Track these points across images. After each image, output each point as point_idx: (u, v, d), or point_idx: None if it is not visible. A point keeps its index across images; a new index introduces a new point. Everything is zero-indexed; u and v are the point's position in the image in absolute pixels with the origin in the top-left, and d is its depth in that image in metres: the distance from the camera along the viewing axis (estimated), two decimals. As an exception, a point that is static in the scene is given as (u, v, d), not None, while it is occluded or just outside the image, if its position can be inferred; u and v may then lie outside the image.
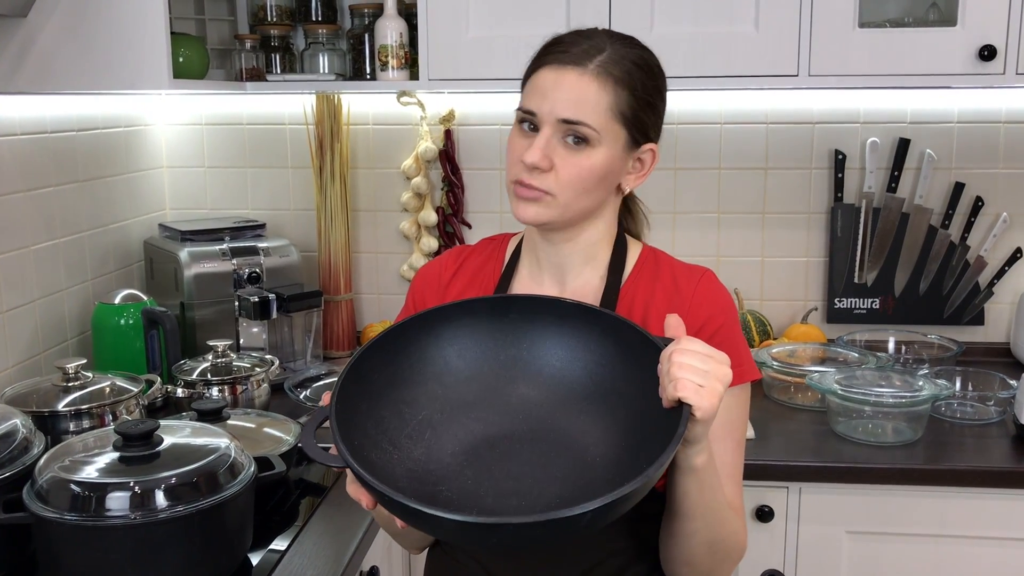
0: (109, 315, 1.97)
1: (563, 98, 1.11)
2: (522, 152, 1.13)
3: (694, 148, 2.31)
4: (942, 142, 2.25)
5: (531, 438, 1.05)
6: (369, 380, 1.04)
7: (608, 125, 1.13)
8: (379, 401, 1.05)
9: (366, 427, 1.02)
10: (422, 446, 1.05)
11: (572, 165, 1.13)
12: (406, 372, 1.08)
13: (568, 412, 1.06)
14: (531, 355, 1.09)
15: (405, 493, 0.94)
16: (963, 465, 1.70)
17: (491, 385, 1.09)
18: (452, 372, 1.09)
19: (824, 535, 1.76)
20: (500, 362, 1.09)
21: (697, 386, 0.94)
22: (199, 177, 2.44)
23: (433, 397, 1.08)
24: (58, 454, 1.26)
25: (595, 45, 1.14)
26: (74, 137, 2.02)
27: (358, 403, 1.02)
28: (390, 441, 1.03)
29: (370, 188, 2.40)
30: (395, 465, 1.01)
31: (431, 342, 1.09)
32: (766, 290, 2.36)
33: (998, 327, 2.31)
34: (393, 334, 1.07)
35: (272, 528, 1.44)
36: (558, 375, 1.08)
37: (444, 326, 1.09)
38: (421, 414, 1.07)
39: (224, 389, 1.83)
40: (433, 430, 1.06)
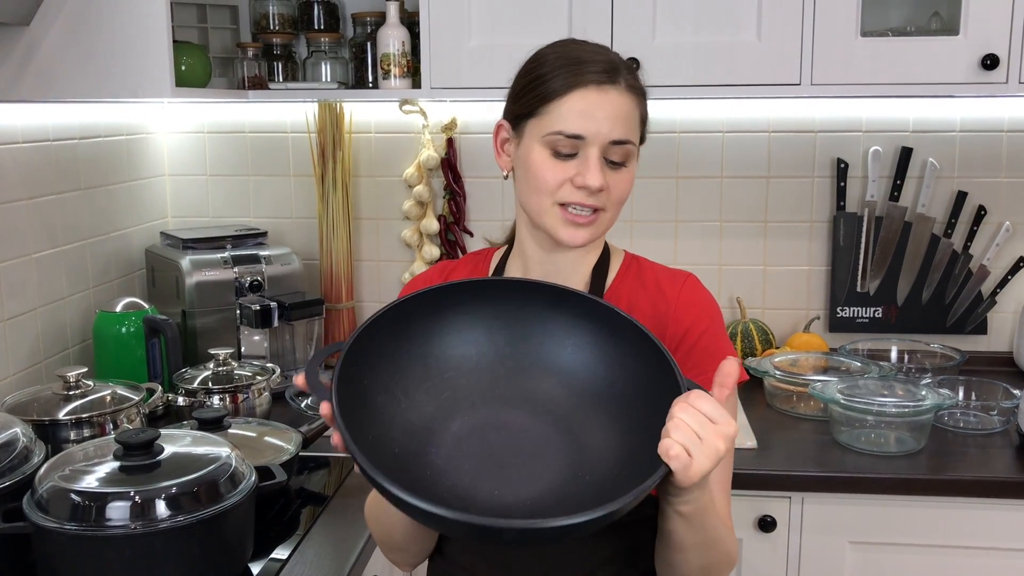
0: (110, 323, 1.97)
1: (610, 119, 1.13)
2: (567, 175, 1.14)
3: (696, 157, 2.31)
4: (944, 151, 2.25)
5: (537, 430, 1.04)
6: (407, 323, 1.03)
7: (637, 136, 1.17)
8: (409, 347, 1.03)
9: (383, 369, 1.01)
10: (435, 404, 1.04)
11: (622, 182, 1.16)
12: (444, 329, 1.06)
13: (580, 414, 1.05)
14: (559, 349, 1.08)
15: (395, 445, 0.96)
16: (966, 475, 1.69)
17: (514, 370, 1.07)
18: (486, 345, 1.08)
19: (827, 545, 1.75)
20: (529, 349, 1.08)
21: (686, 455, 0.91)
22: (201, 185, 2.44)
23: (466, 360, 1.06)
24: (58, 463, 1.26)
25: (612, 59, 1.16)
26: (76, 145, 2.02)
27: (385, 343, 1.01)
28: (404, 390, 1.02)
29: (372, 196, 2.40)
30: (397, 414, 1.00)
31: (477, 309, 1.07)
32: (768, 299, 2.36)
33: (1001, 336, 2.30)
34: (447, 289, 1.05)
35: (273, 537, 1.43)
36: (579, 373, 1.06)
37: (495, 298, 1.07)
38: (448, 374, 1.06)
39: (225, 398, 1.83)
40: (452, 392, 1.05)
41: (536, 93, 1.15)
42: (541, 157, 1.15)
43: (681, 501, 0.99)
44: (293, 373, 2.18)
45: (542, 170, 1.15)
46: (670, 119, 2.30)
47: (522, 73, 1.19)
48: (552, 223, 1.16)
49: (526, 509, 0.96)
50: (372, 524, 1.23)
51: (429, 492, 0.93)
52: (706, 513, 1.03)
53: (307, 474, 1.70)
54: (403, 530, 1.16)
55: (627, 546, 1.16)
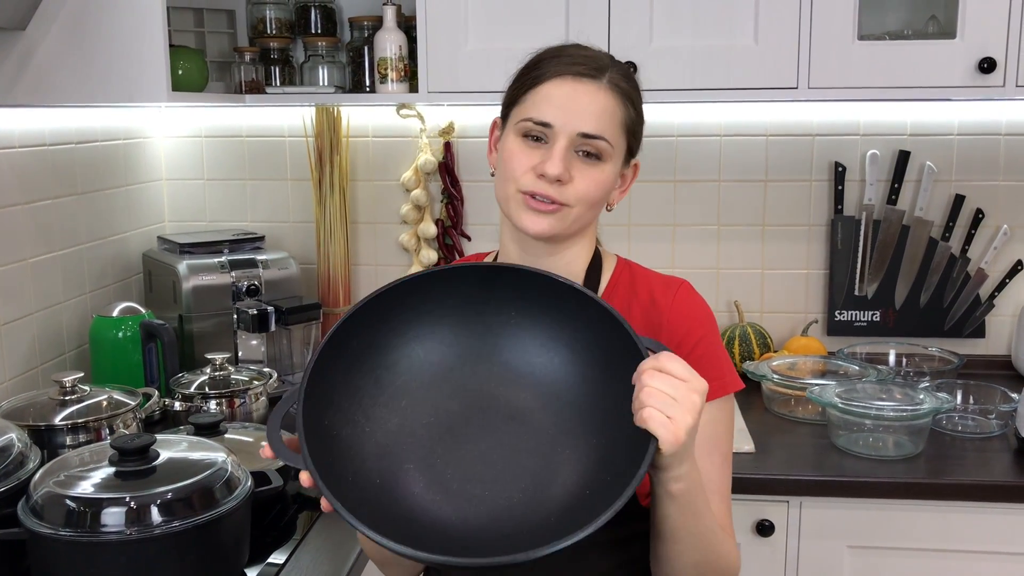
0: (107, 328, 1.97)
1: (583, 111, 1.11)
2: (532, 163, 1.12)
3: (694, 161, 2.31)
4: (942, 154, 2.25)
5: (507, 419, 1.03)
6: (347, 347, 1.01)
7: (619, 140, 1.14)
8: (357, 369, 1.02)
9: (340, 401, 0.99)
10: (397, 415, 1.02)
11: (588, 178, 1.13)
12: (387, 336, 1.04)
13: (550, 403, 1.03)
14: (517, 334, 1.05)
15: (374, 475, 0.96)
16: (965, 479, 1.69)
17: (472, 361, 1.05)
18: (435, 339, 1.05)
19: (825, 550, 1.75)
20: (485, 336, 1.06)
21: (665, 417, 0.90)
22: (198, 189, 2.44)
23: (414, 361, 1.05)
24: (53, 469, 1.25)
25: (599, 58, 1.15)
26: (73, 150, 2.02)
27: (334, 375, 0.99)
28: (364, 413, 1.01)
29: (369, 200, 2.40)
30: (365, 439, 1.00)
31: (415, 307, 1.04)
32: (766, 302, 2.35)
33: (999, 340, 2.30)
34: (375, 301, 1.02)
35: (270, 543, 1.43)
36: (544, 364, 1.04)
37: (432, 291, 1.04)
38: (400, 379, 1.04)
39: (222, 402, 1.83)
40: (410, 398, 1.03)
41: (520, 82, 1.16)
42: (513, 144, 1.15)
43: (671, 478, 0.97)
44: (290, 380, 2.17)
45: (510, 156, 1.14)
46: (668, 123, 2.29)
47: (518, 69, 1.20)
48: (515, 210, 1.15)
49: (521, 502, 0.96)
50: (363, 543, 1.22)
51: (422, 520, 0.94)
52: (697, 494, 1.01)
53: (304, 479, 1.69)
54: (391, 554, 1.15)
55: (621, 562, 1.15)
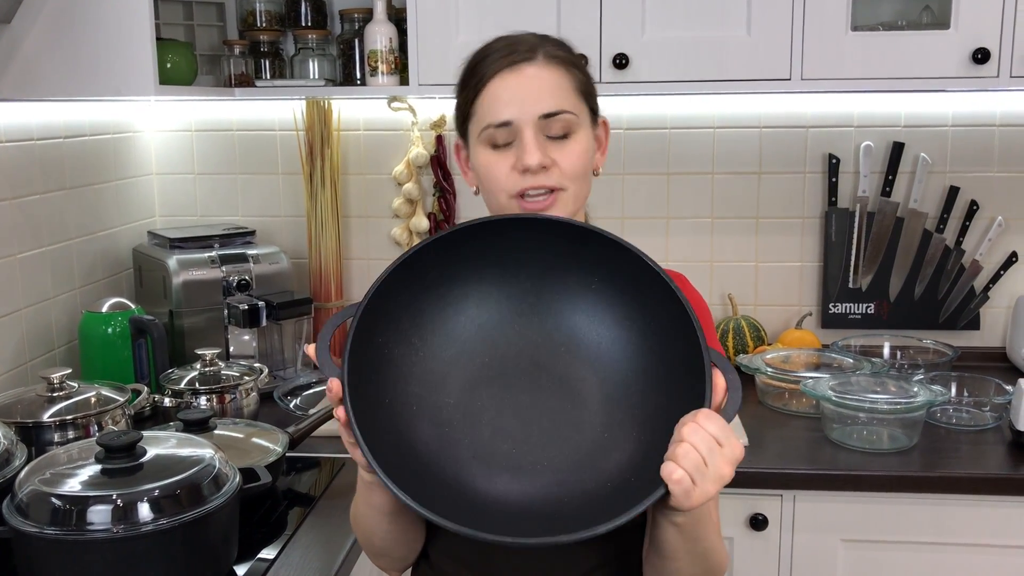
0: (96, 324, 1.95)
1: (534, 95, 1.10)
2: (510, 163, 1.11)
3: (687, 153, 2.29)
4: (936, 146, 2.24)
5: (559, 384, 1.01)
6: (422, 272, 0.99)
7: (579, 106, 1.14)
8: (427, 294, 1.00)
9: (400, 319, 0.99)
10: (454, 348, 1.01)
11: (569, 154, 1.12)
12: (464, 272, 1.02)
13: (605, 382, 1.01)
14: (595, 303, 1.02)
15: (413, 398, 0.97)
16: (959, 472, 1.68)
17: (543, 316, 1.03)
18: (512, 287, 1.03)
19: (819, 544, 1.74)
20: (562, 295, 1.03)
21: (690, 482, 0.88)
22: (188, 184, 2.42)
23: (486, 302, 1.03)
24: (39, 466, 1.24)
25: (527, 40, 1.14)
26: (61, 144, 2.00)
27: (401, 294, 0.98)
28: (421, 337, 1.00)
29: (361, 194, 2.39)
30: (415, 362, 0.99)
31: (500, 250, 1.01)
32: (760, 295, 2.34)
33: (994, 332, 2.29)
34: (460, 233, 0.99)
35: (259, 539, 1.42)
36: (610, 341, 1.01)
37: (520, 238, 1.01)
38: (466, 315, 1.02)
39: (212, 398, 1.81)
40: (471, 335, 1.02)
41: (464, 96, 1.15)
42: (485, 156, 1.13)
43: (677, 514, 0.96)
44: (281, 375, 2.16)
45: (487, 168, 1.13)
46: (660, 115, 2.28)
47: (456, 84, 1.19)
48: None
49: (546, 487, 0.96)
50: (355, 528, 1.21)
51: (451, 459, 0.96)
52: (700, 524, 1.00)
53: (295, 475, 1.68)
54: (383, 536, 1.14)
55: (615, 553, 1.15)
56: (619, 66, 1.91)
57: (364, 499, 1.11)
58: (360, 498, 1.14)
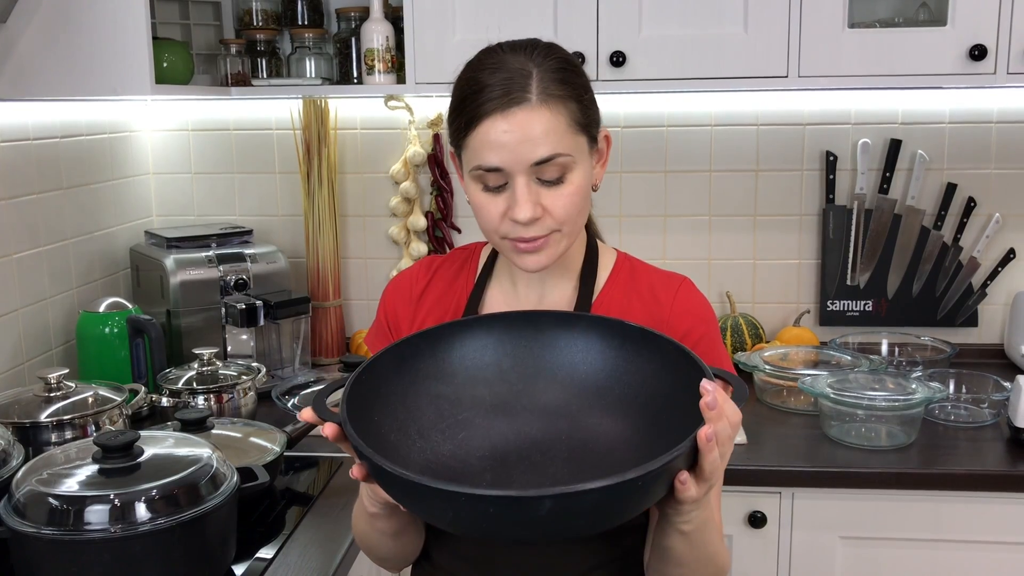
0: (93, 324, 1.95)
1: (526, 142, 1.03)
2: (501, 210, 1.07)
3: (684, 151, 2.29)
4: (934, 143, 2.24)
5: (565, 457, 1.02)
6: (412, 368, 1.02)
7: (575, 142, 1.07)
8: (418, 389, 1.03)
9: (396, 409, 1.00)
10: (452, 443, 1.02)
11: (562, 199, 1.07)
12: (451, 367, 1.05)
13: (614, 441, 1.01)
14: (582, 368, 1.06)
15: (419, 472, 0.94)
16: (957, 469, 1.68)
17: (532, 395, 1.06)
18: (499, 374, 1.06)
19: (817, 541, 1.74)
20: (548, 371, 1.06)
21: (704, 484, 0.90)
22: (186, 183, 2.42)
23: (479, 400, 1.06)
24: (36, 467, 1.24)
25: (520, 71, 1.05)
26: (58, 144, 2.00)
27: (393, 383, 1.00)
28: (419, 431, 1.01)
29: (358, 193, 2.38)
30: (414, 453, 0.99)
31: (475, 343, 1.06)
32: (758, 293, 2.34)
33: (992, 328, 2.29)
34: (441, 330, 1.05)
35: (257, 538, 1.42)
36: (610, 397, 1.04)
37: (502, 330, 1.07)
38: (462, 414, 1.05)
39: (210, 398, 1.81)
40: (468, 432, 1.04)
41: (454, 126, 1.09)
42: (475, 193, 1.09)
43: (682, 520, 0.96)
44: (279, 375, 2.16)
45: (479, 208, 1.09)
46: (658, 113, 2.28)
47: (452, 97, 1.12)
48: (508, 254, 1.12)
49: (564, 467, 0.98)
50: (358, 540, 1.21)
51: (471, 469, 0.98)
52: (706, 529, 1.00)
53: (293, 474, 1.68)
54: (387, 551, 1.15)
55: (616, 554, 1.14)
56: (616, 64, 1.91)
57: (368, 523, 1.12)
58: (363, 520, 1.14)
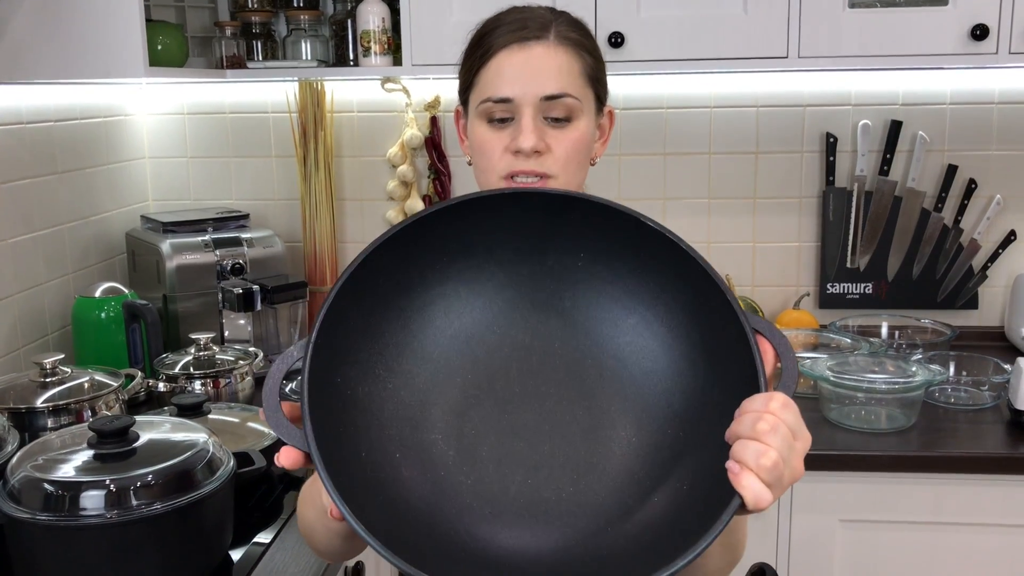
0: (89, 309, 1.94)
1: (540, 74, 1.07)
2: (504, 144, 1.08)
3: (683, 133, 2.28)
4: (935, 124, 2.22)
5: (562, 388, 0.84)
6: (371, 286, 0.81)
7: (584, 92, 1.10)
8: (382, 311, 0.83)
9: (358, 351, 0.81)
10: (427, 370, 0.84)
11: (566, 141, 1.08)
12: (422, 274, 0.84)
13: (615, 376, 0.84)
14: (586, 284, 0.85)
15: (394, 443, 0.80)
16: (957, 451, 1.68)
17: (525, 310, 0.86)
18: (481, 281, 0.85)
19: (817, 525, 1.74)
20: (544, 281, 0.86)
21: (763, 487, 0.71)
22: (181, 168, 2.40)
23: (453, 305, 0.85)
24: (31, 452, 1.23)
25: (541, 15, 1.10)
26: (52, 128, 1.98)
27: (353, 319, 0.80)
28: (386, 366, 0.83)
29: (355, 177, 2.37)
30: (386, 398, 0.82)
31: (458, 239, 0.84)
32: (757, 276, 2.33)
33: (992, 311, 2.28)
34: (409, 229, 0.81)
35: (255, 523, 1.41)
36: (613, 326, 0.84)
37: (480, 220, 0.83)
38: (434, 326, 0.85)
39: (207, 383, 1.80)
40: (444, 349, 0.85)
41: (469, 64, 1.12)
42: (480, 130, 1.10)
43: None
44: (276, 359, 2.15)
45: (482, 144, 1.10)
46: (657, 95, 2.26)
47: (463, 50, 1.15)
48: None
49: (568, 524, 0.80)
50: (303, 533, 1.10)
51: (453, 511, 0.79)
52: (739, 520, 0.95)
53: (291, 459, 1.67)
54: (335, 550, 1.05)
55: None
56: (614, 44, 1.89)
57: (320, 523, 0.99)
58: (311, 510, 1.02)
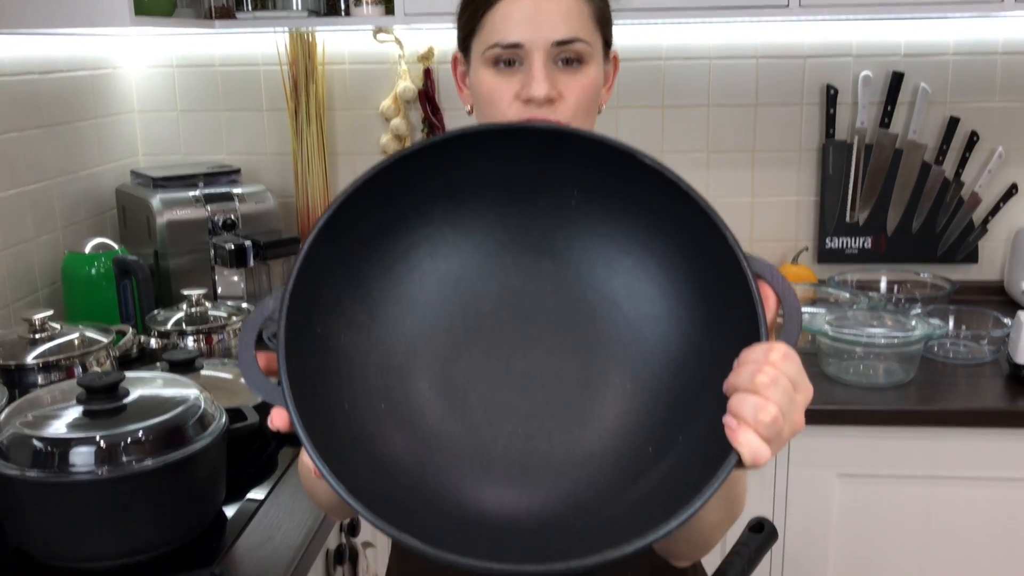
0: (79, 265, 1.91)
1: (550, 18, 1.03)
2: (513, 90, 1.05)
3: (682, 85, 2.24)
4: (937, 75, 2.18)
5: (555, 333, 0.81)
6: (351, 229, 0.76)
7: (594, 36, 1.07)
8: (364, 255, 0.78)
9: (339, 296, 0.77)
10: (412, 315, 0.80)
11: (577, 87, 1.05)
12: (406, 216, 0.79)
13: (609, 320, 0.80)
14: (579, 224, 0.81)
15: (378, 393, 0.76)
16: (956, 405, 1.67)
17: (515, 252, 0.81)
18: (468, 222, 0.81)
19: (814, 479, 1.73)
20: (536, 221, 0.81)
21: (762, 442, 0.67)
22: (171, 122, 2.36)
23: (439, 247, 0.81)
24: (19, 409, 1.21)
25: None
26: (37, 81, 1.94)
27: (333, 265, 0.76)
28: (369, 311, 0.78)
29: (348, 130, 2.33)
30: (370, 346, 0.78)
31: (444, 178, 0.79)
32: (756, 231, 2.31)
33: (992, 265, 2.27)
34: (391, 169, 0.75)
35: (249, 479, 1.40)
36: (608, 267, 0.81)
37: (467, 158, 0.79)
38: (419, 269, 0.80)
39: (199, 339, 1.78)
40: (430, 293, 0.81)
41: (473, 8, 1.07)
42: (487, 77, 1.06)
43: None
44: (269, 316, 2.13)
45: (488, 91, 1.06)
46: (655, 45, 2.22)
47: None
48: None
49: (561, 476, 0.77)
50: (303, 477, 1.10)
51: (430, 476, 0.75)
52: (738, 475, 0.93)
53: (285, 415, 1.66)
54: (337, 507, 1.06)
55: None
56: (612, -7, 1.85)
57: (320, 487, 0.98)
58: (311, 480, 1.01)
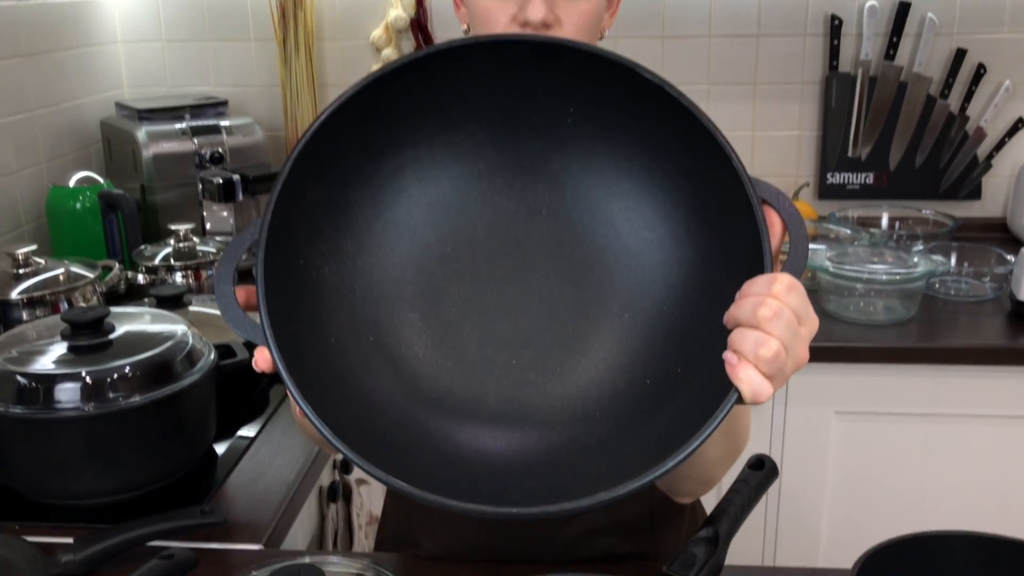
0: (64, 199, 1.87)
1: None
2: (510, 13, 0.98)
3: (682, 15, 2.17)
4: (944, 5, 2.12)
5: (549, 259, 0.78)
6: (334, 152, 0.71)
7: None
8: (349, 179, 0.74)
9: (323, 225, 0.74)
10: (401, 243, 0.77)
11: (577, 13, 0.98)
12: (391, 135, 0.74)
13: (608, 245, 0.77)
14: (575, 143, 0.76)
15: (367, 326, 0.73)
16: (957, 343, 1.65)
17: (508, 173, 0.78)
18: (459, 142, 0.76)
19: (812, 416, 1.72)
20: (529, 141, 0.77)
21: (763, 379, 0.65)
22: (157, 52, 2.29)
23: (427, 169, 0.76)
24: (4, 344, 1.18)
25: None
26: (15, 8, 1.87)
27: (315, 191, 0.72)
28: (355, 240, 0.75)
29: (337, 61, 2.26)
30: (356, 277, 0.75)
31: (432, 95, 0.73)
32: (756, 166, 2.26)
33: (995, 201, 2.23)
34: (375, 85, 0.69)
35: (240, 416, 1.38)
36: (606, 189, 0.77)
37: (456, 74, 0.72)
38: (407, 193, 0.76)
39: (188, 275, 1.75)
40: (419, 219, 0.77)
41: None
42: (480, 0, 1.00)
43: None
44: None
45: (484, 12, 1.00)
46: (655, -26, 2.15)
47: None
48: None
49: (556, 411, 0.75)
50: (295, 416, 1.09)
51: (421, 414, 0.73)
52: (741, 409, 0.90)
53: (276, 352, 1.63)
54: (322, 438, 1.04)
55: None
56: (611, -84, 1.78)
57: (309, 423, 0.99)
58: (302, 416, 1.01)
